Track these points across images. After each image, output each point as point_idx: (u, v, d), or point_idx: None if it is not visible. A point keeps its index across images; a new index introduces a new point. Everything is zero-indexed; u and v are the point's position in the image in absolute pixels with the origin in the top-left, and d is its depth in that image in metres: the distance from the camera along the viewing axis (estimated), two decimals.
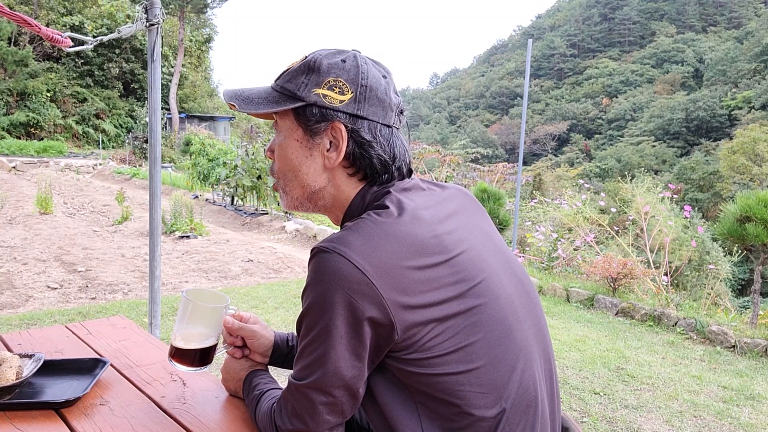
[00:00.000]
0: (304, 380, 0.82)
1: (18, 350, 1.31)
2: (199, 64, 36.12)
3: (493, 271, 0.87)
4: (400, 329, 0.78)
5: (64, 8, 29.56)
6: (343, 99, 0.88)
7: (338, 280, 0.77)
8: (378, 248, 0.78)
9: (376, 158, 0.89)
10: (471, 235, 0.89)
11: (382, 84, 0.91)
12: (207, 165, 13.04)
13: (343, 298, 0.77)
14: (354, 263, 0.77)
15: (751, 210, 4.35)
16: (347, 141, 0.88)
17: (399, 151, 0.92)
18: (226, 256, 6.70)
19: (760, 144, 31.49)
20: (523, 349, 0.86)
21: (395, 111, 0.92)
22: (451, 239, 0.85)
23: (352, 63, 0.89)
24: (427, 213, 0.86)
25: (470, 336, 0.81)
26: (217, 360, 1.10)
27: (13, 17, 2.21)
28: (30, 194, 11.53)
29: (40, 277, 5.34)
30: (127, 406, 1.07)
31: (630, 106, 75.74)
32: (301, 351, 0.83)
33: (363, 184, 0.92)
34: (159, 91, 2.69)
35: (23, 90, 26.35)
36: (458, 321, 0.80)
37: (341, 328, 0.78)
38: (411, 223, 0.83)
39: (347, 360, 0.80)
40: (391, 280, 0.77)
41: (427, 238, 0.82)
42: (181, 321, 1.03)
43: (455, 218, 0.91)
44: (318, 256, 0.80)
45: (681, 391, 3.30)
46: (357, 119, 0.88)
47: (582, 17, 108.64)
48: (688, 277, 6.90)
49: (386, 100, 0.90)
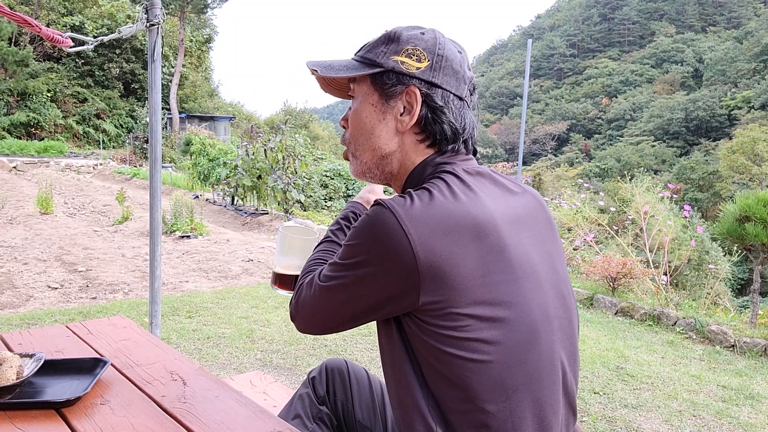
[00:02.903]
0: (324, 282, 0.90)
1: (18, 350, 1.31)
2: (200, 65, 36.12)
3: (535, 276, 0.87)
4: (423, 296, 0.80)
5: (64, 8, 29.56)
6: (420, 66, 0.91)
7: (382, 232, 0.81)
8: (429, 217, 0.81)
9: (447, 124, 0.92)
10: (524, 236, 0.90)
11: (458, 57, 0.94)
12: (207, 165, 13.04)
13: (381, 249, 0.81)
14: (402, 225, 0.80)
15: (751, 210, 4.36)
16: (420, 105, 0.91)
17: (468, 125, 0.95)
18: (227, 256, 6.71)
19: (759, 144, 31.48)
20: (546, 361, 0.86)
21: (467, 85, 0.95)
22: (501, 231, 0.85)
23: (431, 35, 0.93)
24: (487, 199, 0.88)
25: (489, 329, 0.81)
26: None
27: (13, 17, 2.22)
28: (30, 194, 11.53)
29: (40, 277, 5.34)
30: (128, 405, 1.07)
31: (629, 106, 75.73)
32: (334, 264, 0.89)
33: (430, 152, 0.95)
34: (159, 91, 2.69)
35: (24, 90, 26.35)
36: (481, 310, 0.81)
37: (371, 271, 0.83)
38: (467, 200, 0.85)
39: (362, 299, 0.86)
40: (431, 251, 0.79)
41: (479, 221, 0.83)
42: (279, 253, 1.17)
43: (515, 215, 0.91)
44: (375, 206, 0.84)
45: (680, 391, 3.31)
46: (432, 86, 0.91)
47: (582, 17, 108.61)
48: (688, 276, 6.90)
49: (461, 72, 0.93)
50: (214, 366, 3.32)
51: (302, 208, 10.75)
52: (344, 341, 3.85)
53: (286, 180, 9.51)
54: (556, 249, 0.96)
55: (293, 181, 9.59)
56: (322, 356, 3.56)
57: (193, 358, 3.35)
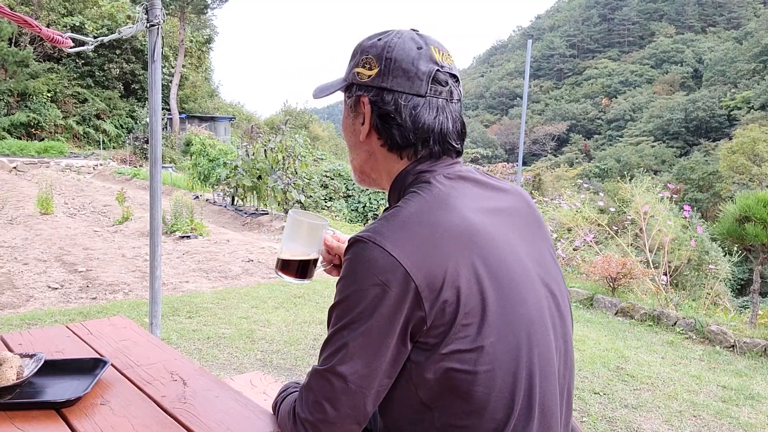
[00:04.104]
0: (327, 365, 0.82)
1: (19, 350, 1.31)
2: (200, 65, 36.13)
3: (527, 276, 0.86)
4: (429, 314, 0.78)
5: (64, 9, 29.56)
6: (371, 74, 0.91)
7: (371, 268, 0.79)
8: (410, 236, 0.80)
9: (397, 128, 0.90)
10: (513, 235, 0.88)
11: (411, 55, 0.89)
12: (207, 165, 13.04)
13: (376, 286, 0.78)
14: (387, 251, 0.78)
15: (751, 210, 4.36)
16: (371, 113, 0.91)
17: (432, 122, 0.89)
18: (227, 256, 6.71)
19: (759, 144, 31.50)
20: (545, 362, 0.86)
21: (427, 79, 0.89)
22: (484, 234, 0.84)
23: (385, 40, 0.92)
24: (467, 205, 0.86)
25: (482, 338, 0.80)
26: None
27: (13, 18, 2.22)
28: (31, 194, 11.53)
29: (40, 277, 5.34)
30: (128, 405, 1.07)
31: (629, 106, 75.75)
32: (329, 338, 0.83)
33: (406, 162, 0.92)
34: (159, 91, 2.69)
35: (24, 90, 26.36)
36: (475, 318, 0.80)
37: (374, 316, 0.79)
38: (444, 211, 0.83)
39: (375, 349, 0.79)
40: (421, 266, 0.78)
41: (458, 229, 0.82)
42: (287, 238, 1.15)
43: (501, 215, 0.90)
44: (354, 246, 0.82)
45: (680, 391, 3.31)
46: (382, 91, 0.90)
47: (581, 18, 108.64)
48: (688, 276, 6.89)
49: (412, 70, 0.89)
50: (214, 366, 3.32)
51: (302, 208, 10.76)
52: None
53: (286, 180, 9.51)
54: (546, 247, 0.95)
55: (293, 182, 9.59)
56: None
57: (193, 359, 3.35)
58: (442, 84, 0.90)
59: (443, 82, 0.90)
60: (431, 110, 0.89)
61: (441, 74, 0.90)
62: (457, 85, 0.93)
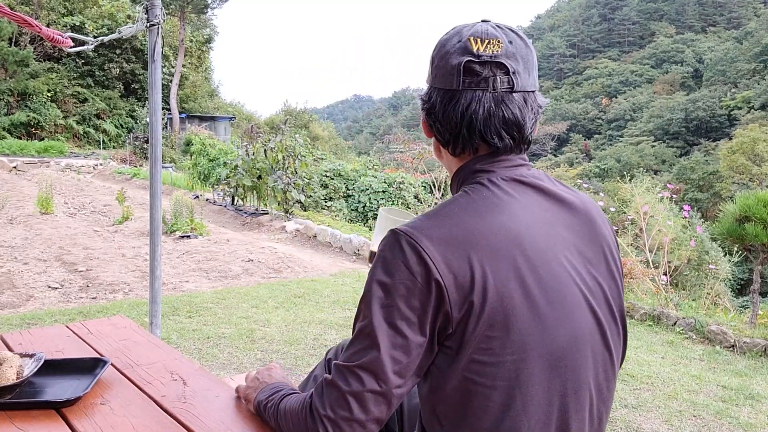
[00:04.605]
0: (355, 361, 0.80)
1: (19, 350, 1.31)
2: (200, 65, 36.11)
3: (567, 299, 0.82)
4: (454, 315, 0.77)
5: (64, 8, 29.54)
6: (428, 75, 0.93)
7: (401, 261, 0.78)
8: (446, 235, 0.79)
9: (435, 124, 0.90)
10: (563, 254, 0.83)
11: (449, 49, 0.87)
12: (207, 165, 13.04)
13: (405, 280, 0.77)
14: (419, 246, 0.78)
15: (751, 210, 4.35)
16: (423, 114, 0.92)
17: (459, 115, 0.86)
18: (227, 256, 6.71)
19: (759, 144, 31.49)
20: (572, 389, 0.82)
21: (456, 73, 0.85)
22: (526, 246, 0.80)
23: (440, 38, 0.92)
24: (516, 210, 0.83)
25: (504, 354, 0.77)
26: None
27: (13, 18, 2.22)
28: (31, 194, 11.53)
29: (40, 277, 5.34)
30: (128, 405, 1.07)
31: (629, 106, 75.70)
32: (356, 334, 0.82)
33: (464, 158, 0.91)
34: (159, 91, 2.69)
35: (24, 90, 26.34)
36: (498, 331, 0.77)
37: (401, 311, 0.77)
38: (489, 215, 0.81)
39: (404, 345, 0.78)
40: (451, 267, 0.77)
41: (499, 235, 0.79)
42: (377, 233, 1.21)
43: (554, 229, 0.85)
44: (388, 237, 0.82)
45: (680, 391, 3.31)
46: (430, 90, 0.91)
47: (581, 18, 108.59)
48: (688, 276, 6.90)
49: (446, 65, 0.87)
50: (214, 366, 3.32)
51: (302, 208, 10.75)
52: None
53: (286, 180, 9.51)
54: (606, 272, 0.89)
55: (293, 181, 9.59)
56: (322, 356, 3.56)
57: (193, 358, 3.35)
58: (476, 74, 0.85)
59: (477, 72, 0.85)
60: (462, 102, 0.85)
61: (474, 64, 0.85)
62: (503, 72, 0.85)
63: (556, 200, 0.88)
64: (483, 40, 0.86)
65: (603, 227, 0.91)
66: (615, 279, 0.90)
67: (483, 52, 0.85)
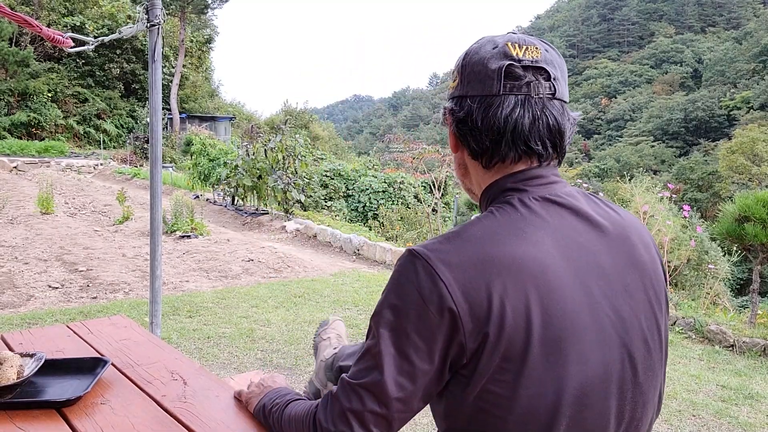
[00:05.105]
0: (360, 380, 0.78)
1: (19, 349, 1.32)
2: (200, 65, 36.09)
3: (593, 334, 0.76)
4: (468, 345, 0.73)
5: (65, 9, 29.54)
6: (454, 85, 0.88)
7: (415, 284, 0.75)
8: (465, 260, 0.75)
9: (470, 133, 0.84)
10: (595, 283, 0.78)
11: (485, 54, 0.84)
12: (208, 165, 13.05)
13: (417, 304, 0.74)
14: (435, 270, 0.74)
15: (750, 210, 4.36)
16: (452, 122, 0.87)
17: (503, 120, 0.81)
18: (227, 256, 6.71)
19: (758, 144, 31.49)
20: (593, 427, 0.77)
21: (497, 77, 0.81)
22: (551, 275, 0.75)
23: (467, 49, 0.88)
24: (543, 236, 0.78)
25: (519, 388, 0.73)
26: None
27: (14, 18, 2.22)
28: (31, 194, 11.53)
29: (41, 277, 5.35)
30: (128, 405, 1.08)
31: (629, 106, 75.71)
32: (365, 351, 0.80)
33: (495, 174, 0.86)
34: (160, 91, 2.69)
35: (24, 90, 26.33)
36: (513, 365, 0.73)
37: (411, 336, 0.75)
38: (514, 239, 0.76)
39: (411, 370, 0.76)
40: (467, 294, 0.73)
41: (521, 263, 0.74)
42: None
43: (583, 257, 0.79)
44: (404, 257, 0.79)
45: (679, 390, 3.31)
46: (461, 99, 0.85)
47: (581, 18, 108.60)
48: (687, 276, 6.90)
49: (482, 70, 0.83)
50: (215, 365, 3.32)
51: (302, 208, 10.76)
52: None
53: (286, 180, 9.51)
54: (645, 302, 0.82)
55: (293, 181, 9.60)
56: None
57: (193, 358, 3.36)
58: (518, 78, 0.81)
59: (520, 76, 0.81)
60: (506, 107, 0.81)
61: (516, 68, 0.81)
62: (545, 78, 0.82)
63: (590, 224, 0.82)
64: (521, 45, 0.83)
65: (644, 253, 0.85)
66: (653, 310, 0.83)
67: (523, 56, 0.82)
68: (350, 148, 44.63)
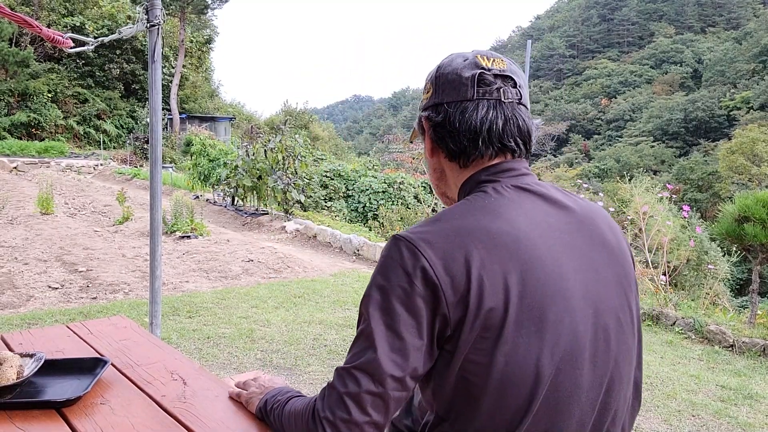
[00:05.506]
0: (354, 363, 0.81)
1: (19, 350, 1.32)
2: (200, 65, 36.09)
3: (564, 300, 0.81)
4: (451, 317, 0.78)
5: (65, 9, 29.53)
6: (428, 96, 0.96)
7: (399, 263, 0.80)
8: (443, 237, 0.81)
9: (448, 135, 0.92)
10: (559, 257, 0.83)
11: (457, 66, 0.93)
12: (208, 165, 13.05)
13: (402, 282, 0.79)
14: (416, 248, 0.80)
15: (750, 210, 4.36)
16: (428, 128, 0.95)
17: (479, 121, 0.89)
18: (227, 256, 6.71)
19: (758, 144, 31.49)
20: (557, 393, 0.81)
21: (471, 83, 0.90)
22: (526, 248, 0.81)
23: (439, 63, 0.97)
24: (516, 214, 0.84)
25: (497, 354, 0.78)
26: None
27: (14, 18, 2.22)
28: (31, 194, 11.53)
29: (41, 277, 5.35)
30: (128, 405, 1.08)
31: (629, 106, 75.68)
32: (357, 336, 0.83)
33: (470, 171, 0.93)
34: (160, 91, 2.70)
35: (24, 90, 26.32)
36: (491, 332, 0.78)
37: (399, 313, 0.79)
38: (487, 217, 0.83)
39: (403, 347, 0.79)
40: (447, 267, 0.78)
41: (496, 237, 0.81)
42: None
43: (554, 234, 0.85)
44: (388, 242, 0.85)
45: (679, 391, 3.31)
46: (436, 107, 0.94)
47: (581, 18, 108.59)
48: (687, 276, 6.90)
49: (457, 79, 0.92)
50: (214, 366, 3.32)
51: (302, 208, 10.76)
52: (344, 341, 3.86)
53: (286, 180, 9.52)
54: (613, 275, 0.89)
55: (293, 182, 9.60)
56: (322, 356, 3.57)
57: (193, 358, 3.36)
58: (490, 84, 0.90)
59: (491, 83, 0.90)
60: (480, 110, 0.90)
61: (487, 75, 0.90)
62: (512, 86, 0.91)
63: (559, 207, 0.89)
64: (489, 58, 0.93)
65: (610, 235, 0.91)
66: (622, 287, 0.89)
67: (492, 66, 0.92)
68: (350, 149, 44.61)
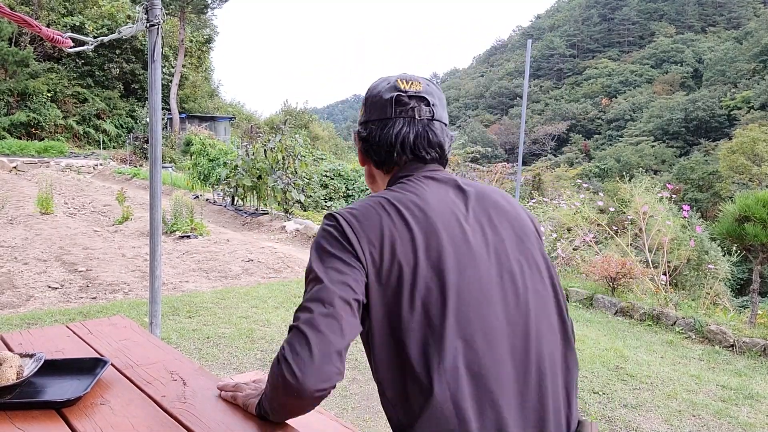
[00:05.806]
0: (307, 297, 0.91)
1: (19, 350, 1.32)
2: (200, 65, 36.07)
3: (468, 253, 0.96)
4: (368, 266, 0.93)
5: (64, 9, 29.52)
6: (361, 114, 1.14)
7: (327, 227, 0.97)
8: (363, 205, 0.99)
9: (372, 148, 1.10)
10: (461, 220, 0.99)
11: (381, 89, 1.10)
12: (207, 165, 13.05)
13: (326, 237, 0.96)
14: (340, 215, 0.98)
15: (750, 210, 4.36)
16: (359, 142, 1.13)
17: (394, 137, 1.07)
18: (227, 256, 6.71)
19: (759, 144, 31.48)
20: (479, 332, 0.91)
21: (390, 104, 1.07)
22: (434, 212, 0.98)
23: (370, 86, 1.13)
24: (426, 192, 1.02)
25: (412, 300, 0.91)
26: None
27: (13, 18, 2.22)
28: (31, 194, 11.53)
29: (40, 277, 5.35)
30: (128, 405, 1.08)
31: (629, 106, 75.68)
32: (306, 284, 0.95)
33: (390, 175, 1.11)
34: (159, 91, 2.69)
35: (24, 90, 26.32)
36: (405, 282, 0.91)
37: (327, 255, 0.93)
38: (402, 192, 1.01)
39: (338, 275, 0.91)
40: (364, 225, 0.95)
41: (408, 203, 0.98)
42: None
43: (458, 208, 1.01)
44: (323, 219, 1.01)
45: (680, 391, 3.31)
46: (366, 124, 1.12)
47: (581, 17, 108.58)
48: (687, 276, 6.89)
49: (379, 100, 1.09)
50: (214, 366, 3.32)
51: (302, 208, 10.76)
52: None
53: (286, 180, 9.51)
54: (508, 232, 1.03)
55: (293, 181, 9.59)
56: None
57: (193, 358, 3.36)
58: (405, 104, 1.07)
59: (406, 103, 1.07)
60: (396, 126, 1.07)
61: (403, 97, 1.07)
62: (424, 104, 1.07)
63: (459, 188, 1.06)
64: (407, 81, 1.09)
65: (505, 203, 1.07)
66: (522, 240, 1.03)
67: (409, 89, 1.08)
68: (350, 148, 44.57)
